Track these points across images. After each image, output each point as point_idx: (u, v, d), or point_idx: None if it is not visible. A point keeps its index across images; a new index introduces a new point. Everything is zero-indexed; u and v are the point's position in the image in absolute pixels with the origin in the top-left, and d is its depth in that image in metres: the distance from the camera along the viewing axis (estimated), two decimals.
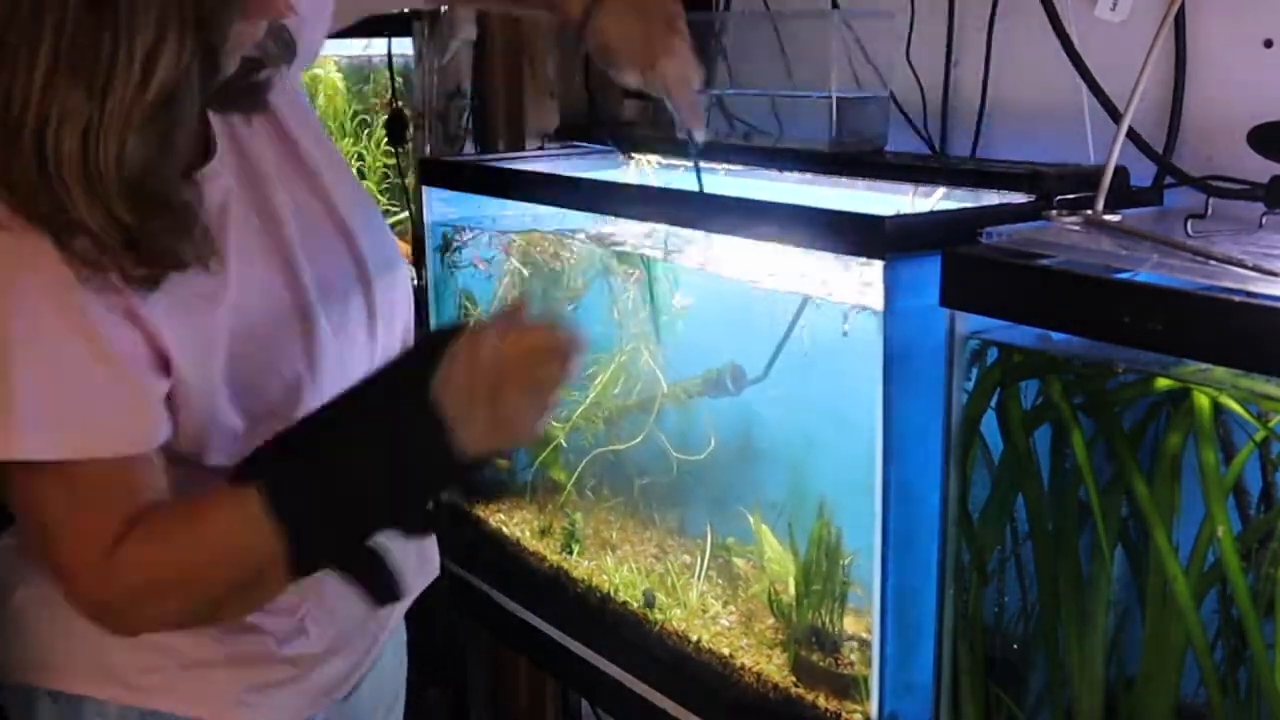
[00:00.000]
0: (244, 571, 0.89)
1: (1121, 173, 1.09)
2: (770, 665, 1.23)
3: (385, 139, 2.15)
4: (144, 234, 0.84)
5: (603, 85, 1.82)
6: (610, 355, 1.47)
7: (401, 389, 0.88)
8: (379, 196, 2.24)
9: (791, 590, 1.24)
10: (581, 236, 1.44)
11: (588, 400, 1.51)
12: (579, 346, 0.88)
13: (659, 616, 1.34)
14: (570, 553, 1.49)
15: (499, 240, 1.58)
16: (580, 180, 1.39)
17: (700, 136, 1.20)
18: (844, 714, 1.14)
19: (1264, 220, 0.96)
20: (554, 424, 1.55)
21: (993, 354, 0.96)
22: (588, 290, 1.50)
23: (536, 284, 1.55)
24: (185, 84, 0.82)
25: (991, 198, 1.14)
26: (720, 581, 1.37)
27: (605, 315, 1.48)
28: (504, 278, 1.59)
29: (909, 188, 1.24)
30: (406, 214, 2.13)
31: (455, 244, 1.62)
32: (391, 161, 2.18)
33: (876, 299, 1.00)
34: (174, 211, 0.86)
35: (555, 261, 1.53)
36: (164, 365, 0.90)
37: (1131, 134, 1.13)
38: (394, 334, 1.09)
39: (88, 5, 0.77)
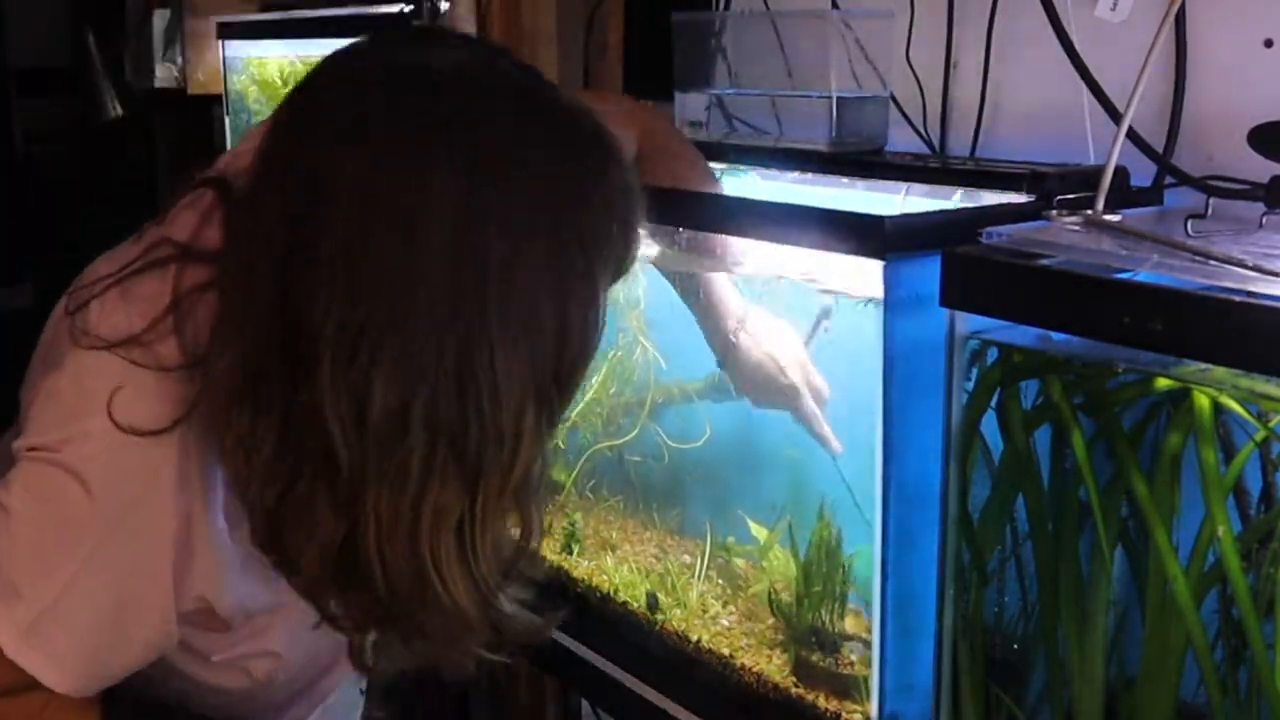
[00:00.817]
0: None
1: (1121, 173, 1.09)
2: (770, 665, 1.23)
3: None
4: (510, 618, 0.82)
5: (603, 85, 1.82)
6: (607, 355, 1.47)
7: None
8: None
9: (791, 590, 1.24)
10: None
11: (588, 397, 1.51)
12: None
13: (659, 616, 1.34)
14: (570, 553, 1.49)
15: None
16: None
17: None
18: (844, 714, 1.14)
19: (1264, 220, 0.96)
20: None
21: (993, 354, 0.96)
22: None
23: None
24: (545, 450, 0.79)
25: (991, 198, 1.14)
26: (720, 581, 1.37)
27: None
28: None
29: (920, 188, 1.23)
30: None
31: None
32: None
33: (858, 287, 1.00)
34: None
35: None
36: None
37: (1131, 134, 1.13)
38: None
39: (456, 399, 0.73)
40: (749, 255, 1.18)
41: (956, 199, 1.20)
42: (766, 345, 1.22)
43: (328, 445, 0.72)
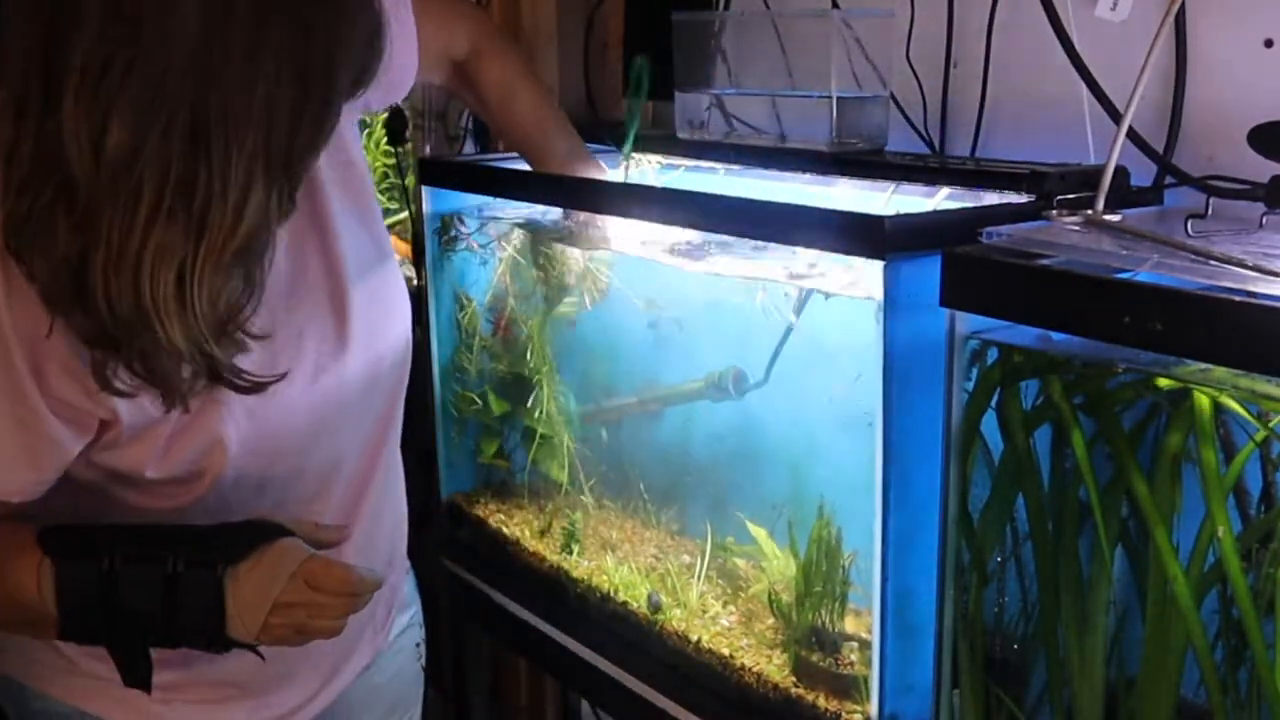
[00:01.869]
0: (22, 622, 0.99)
1: (1121, 173, 1.09)
2: (770, 665, 1.23)
3: (385, 139, 2.15)
4: (227, 368, 0.88)
5: (602, 85, 1.82)
6: (610, 355, 1.47)
7: (205, 560, 0.94)
8: (379, 196, 2.23)
9: (791, 590, 1.24)
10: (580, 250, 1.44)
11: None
12: (367, 592, 0.97)
13: (659, 617, 1.34)
14: (570, 553, 1.49)
15: (494, 228, 1.59)
16: (580, 180, 1.39)
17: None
18: (844, 714, 1.14)
19: (1264, 220, 0.96)
20: (553, 425, 1.55)
21: (993, 354, 0.96)
22: (583, 285, 1.50)
23: (528, 274, 1.55)
24: (269, 223, 0.85)
25: (991, 198, 1.14)
26: (720, 581, 1.37)
27: (604, 313, 1.48)
28: (499, 265, 1.60)
29: (909, 188, 1.23)
30: (406, 214, 2.13)
31: (452, 229, 1.62)
32: (391, 161, 2.18)
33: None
34: (249, 345, 0.90)
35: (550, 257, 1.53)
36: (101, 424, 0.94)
37: (1131, 134, 1.13)
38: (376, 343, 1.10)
39: (190, 147, 0.79)
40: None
41: (941, 197, 1.20)
42: None
43: (68, 169, 0.79)
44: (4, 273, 0.85)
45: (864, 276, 1.04)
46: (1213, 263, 0.84)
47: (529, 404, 1.57)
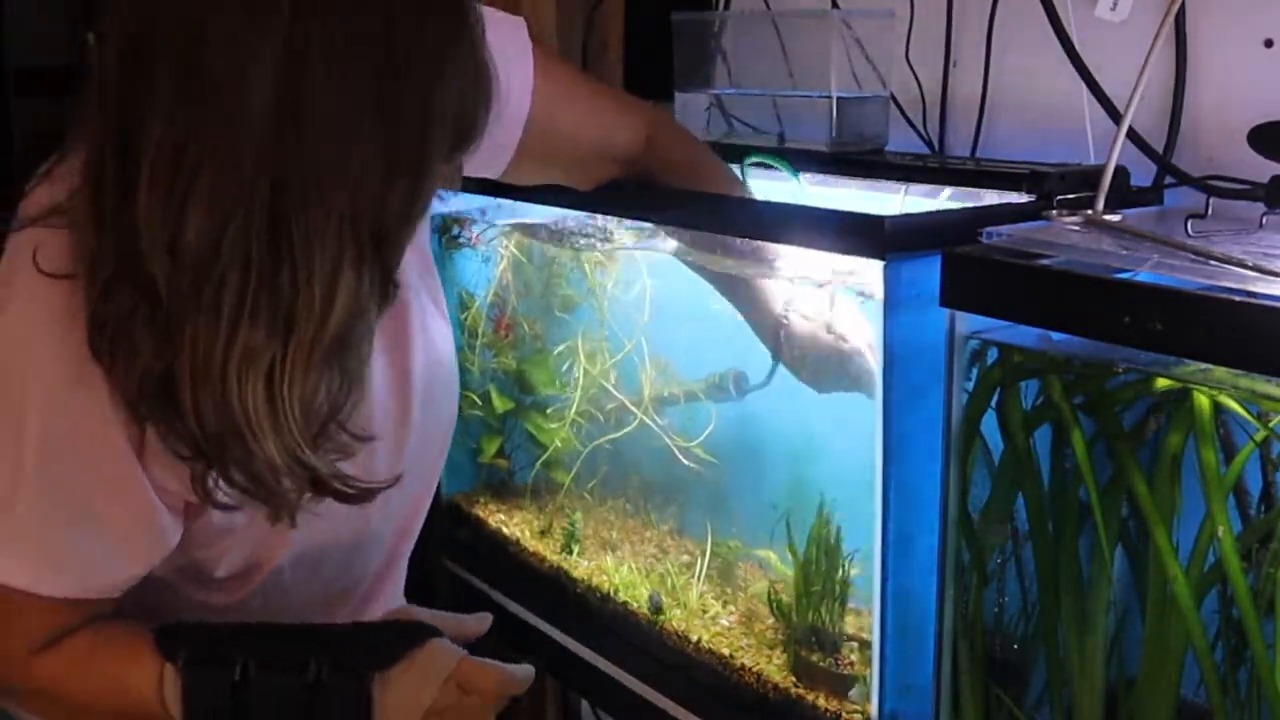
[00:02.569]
0: None
1: (1121, 173, 1.09)
2: (770, 665, 1.23)
3: None
4: (329, 475, 0.82)
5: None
6: (602, 351, 1.47)
7: (351, 667, 0.88)
8: None
9: (791, 590, 1.24)
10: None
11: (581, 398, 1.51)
12: (521, 690, 0.92)
13: (659, 617, 1.34)
14: (570, 553, 1.49)
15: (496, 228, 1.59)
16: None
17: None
18: (844, 714, 1.14)
19: (1264, 220, 0.96)
20: (552, 426, 1.56)
21: (993, 354, 0.96)
22: (583, 284, 1.50)
23: (531, 274, 1.55)
24: (364, 311, 0.78)
25: (991, 198, 1.14)
26: (720, 582, 1.37)
27: (602, 313, 1.48)
28: (500, 263, 1.60)
29: (914, 189, 1.23)
30: None
31: (453, 229, 1.62)
32: None
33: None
34: (355, 448, 0.84)
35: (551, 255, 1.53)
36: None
37: (1131, 134, 1.13)
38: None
39: (269, 242, 0.73)
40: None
41: (944, 197, 1.20)
42: (816, 316, 1.19)
43: (148, 271, 0.73)
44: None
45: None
46: (1213, 263, 0.84)
47: (534, 403, 1.57)
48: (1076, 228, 0.98)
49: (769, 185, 1.35)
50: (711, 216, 1.19)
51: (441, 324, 1.07)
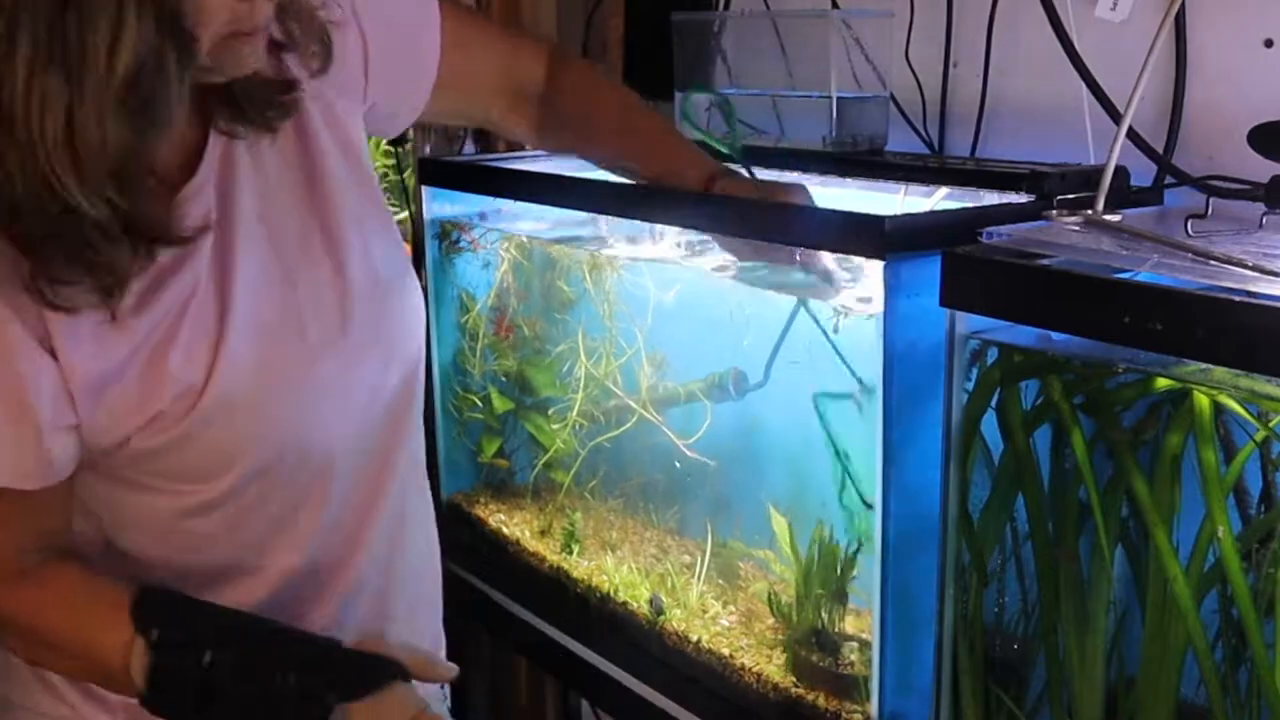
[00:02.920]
0: (93, 678, 0.99)
1: (1121, 173, 1.09)
2: (770, 665, 1.23)
3: (385, 139, 2.15)
4: (135, 215, 0.85)
5: None
6: (603, 351, 1.47)
7: (318, 693, 0.91)
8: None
9: (791, 590, 1.24)
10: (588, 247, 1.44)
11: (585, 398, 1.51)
12: None
13: (660, 617, 1.34)
14: (570, 553, 1.49)
15: (496, 232, 1.59)
16: (579, 180, 1.39)
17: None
18: (844, 714, 1.14)
19: (1264, 220, 0.96)
20: (553, 427, 1.56)
21: (993, 354, 0.96)
22: (583, 285, 1.50)
23: (531, 276, 1.56)
24: (155, 64, 0.81)
25: (991, 198, 1.14)
26: (720, 581, 1.37)
27: (603, 314, 1.48)
28: (500, 267, 1.60)
29: (914, 188, 1.23)
30: (406, 214, 2.13)
31: (454, 234, 1.62)
32: (391, 161, 2.18)
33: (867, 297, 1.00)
34: (160, 194, 0.88)
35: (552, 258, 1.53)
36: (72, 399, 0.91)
37: (1131, 134, 1.13)
38: (386, 352, 1.08)
39: None
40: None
41: (939, 196, 1.20)
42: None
43: None
44: None
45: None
46: (1213, 263, 0.84)
47: (534, 403, 1.57)
48: (1076, 228, 0.98)
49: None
50: (712, 216, 1.19)
51: (383, 243, 1.09)
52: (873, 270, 1.00)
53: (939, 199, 1.21)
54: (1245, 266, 0.82)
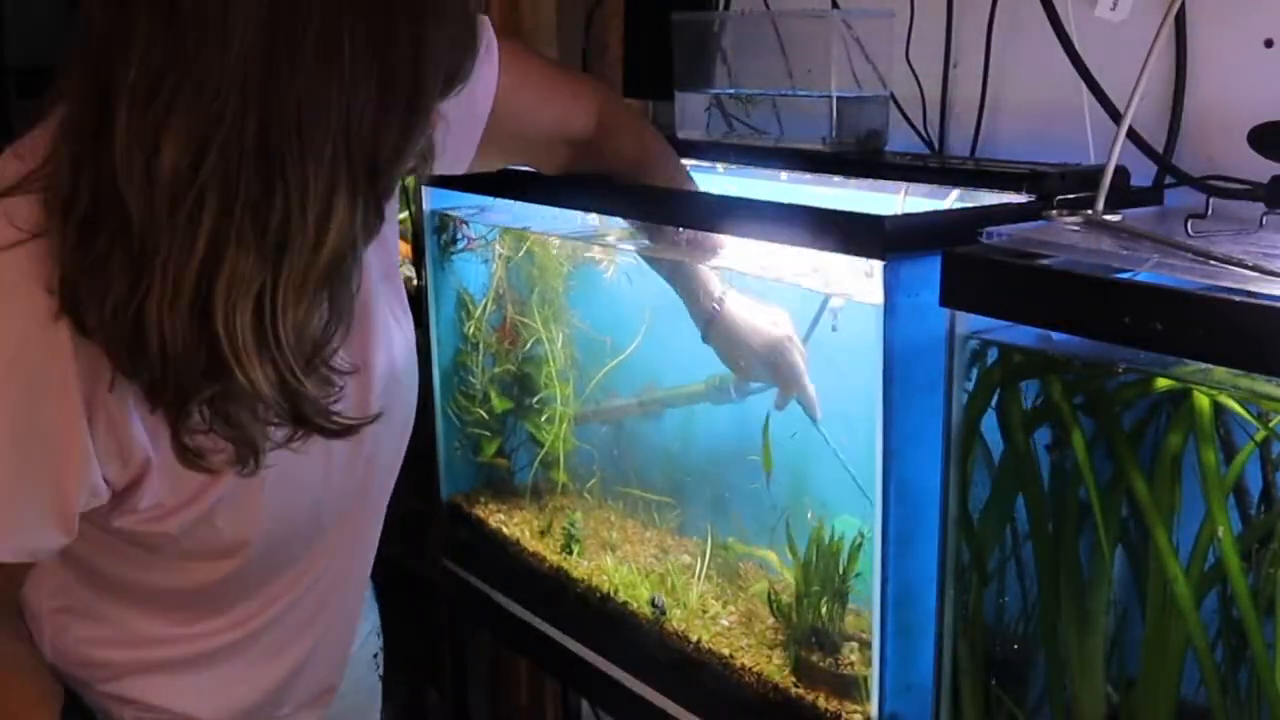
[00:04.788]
0: None
1: (1121, 173, 1.09)
2: (770, 665, 1.23)
3: None
4: (314, 406, 0.81)
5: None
6: (603, 351, 1.47)
7: None
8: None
9: (792, 590, 1.24)
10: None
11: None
12: None
13: (660, 618, 1.34)
14: (570, 553, 1.49)
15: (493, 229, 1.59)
16: (579, 180, 1.39)
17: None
18: (844, 714, 1.14)
19: (1264, 220, 0.96)
20: (552, 426, 1.56)
21: (993, 354, 0.96)
22: (583, 282, 1.50)
23: (530, 275, 1.55)
24: (355, 243, 0.78)
25: (991, 198, 1.14)
26: (720, 581, 1.37)
27: (603, 314, 1.48)
28: (496, 265, 1.60)
29: (917, 188, 1.23)
30: (406, 214, 2.12)
31: (451, 230, 1.62)
32: None
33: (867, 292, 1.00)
34: (339, 381, 0.84)
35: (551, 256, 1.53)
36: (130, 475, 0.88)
37: (1131, 134, 1.13)
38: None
39: (257, 168, 0.72)
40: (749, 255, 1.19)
41: (953, 198, 1.20)
42: (746, 315, 1.25)
43: (124, 204, 0.72)
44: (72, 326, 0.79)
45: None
46: (1213, 263, 0.84)
47: (533, 403, 1.57)
48: (1076, 228, 0.98)
49: (767, 185, 1.35)
50: (712, 216, 1.19)
51: (401, 331, 1.07)
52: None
53: (951, 201, 1.21)
54: (1245, 266, 0.82)
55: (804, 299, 1.22)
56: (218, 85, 0.71)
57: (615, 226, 1.37)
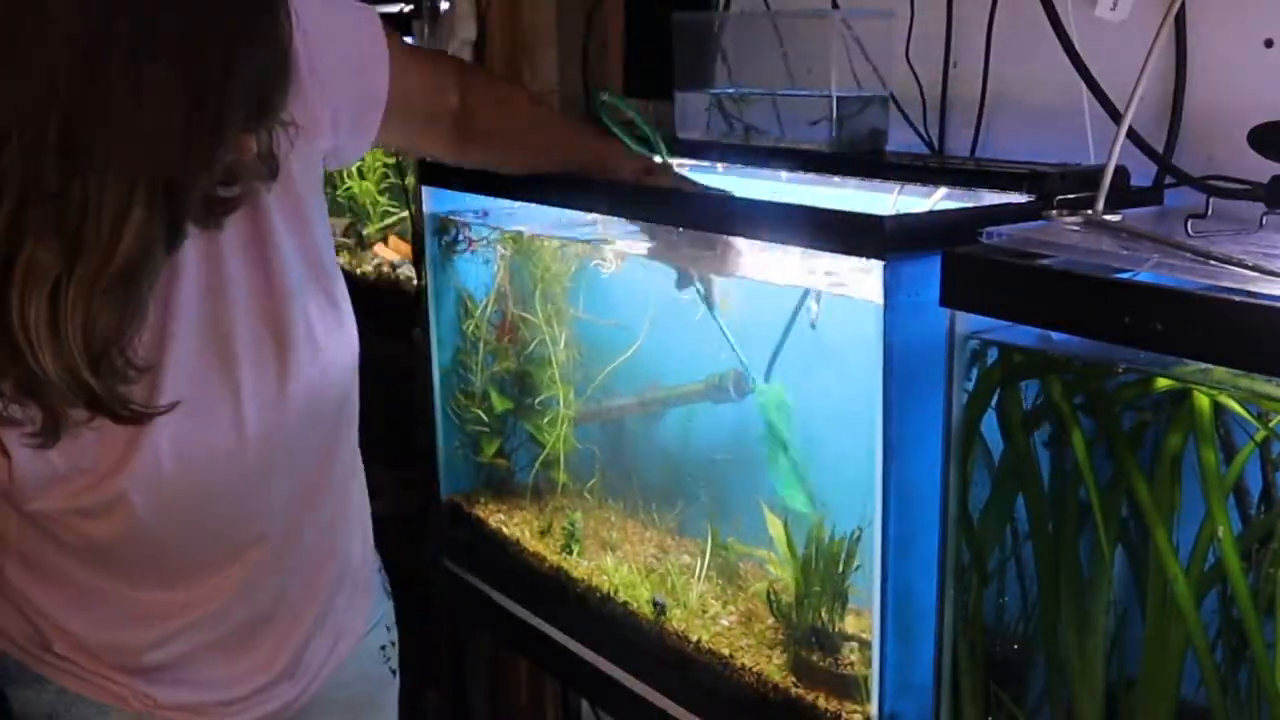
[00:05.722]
0: None
1: (1121, 173, 1.09)
2: (770, 665, 1.23)
3: None
4: (107, 396, 0.83)
5: (602, 86, 1.82)
6: (603, 351, 1.47)
7: None
8: (378, 197, 2.24)
9: (791, 590, 1.24)
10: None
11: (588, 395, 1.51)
12: None
13: (661, 617, 1.34)
14: (570, 553, 1.49)
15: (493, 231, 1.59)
16: (579, 180, 1.39)
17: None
18: (844, 714, 1.14)
19: (1264, 220, 0.96)
20: (553, 426, 1.56)
21: (993, 354, 0.96)
22: (583, 282, 1.50)
23: (531, 275, 1.55)
24: (151, 253, 0.80)
25: (992, 198, 1.14)
26: (720, 581, 1.37)
27: (603, 314, 1.48)
28: (497, 265, 1.60)
29: (912, 188, 1.23)
30: (406, 214, 2.13)
31: (453, 232, 1.62)
32: (391, 161, 2.18)
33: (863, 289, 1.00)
34: (133, 375, 0.85)
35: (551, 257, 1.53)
36: None
37: (1131, 134, 1.13)
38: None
39: (59, 163, 0.74)
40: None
41: (939, 196, 1.20)
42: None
43: None
44: None
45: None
46: (1213, 263, 0.84)
47: (534, 403, 1.57)
48: (1076, 228, 0.98)
49: (766, 186, 1.35)
50: (711, 216, 1.19)
51: (340, 332, 1.07)
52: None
53: (938, 199, 1.21)
54: (1245, 266, 0.82)
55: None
56: (25, 76, 0.74)
57: (616, 226, 1.37)
